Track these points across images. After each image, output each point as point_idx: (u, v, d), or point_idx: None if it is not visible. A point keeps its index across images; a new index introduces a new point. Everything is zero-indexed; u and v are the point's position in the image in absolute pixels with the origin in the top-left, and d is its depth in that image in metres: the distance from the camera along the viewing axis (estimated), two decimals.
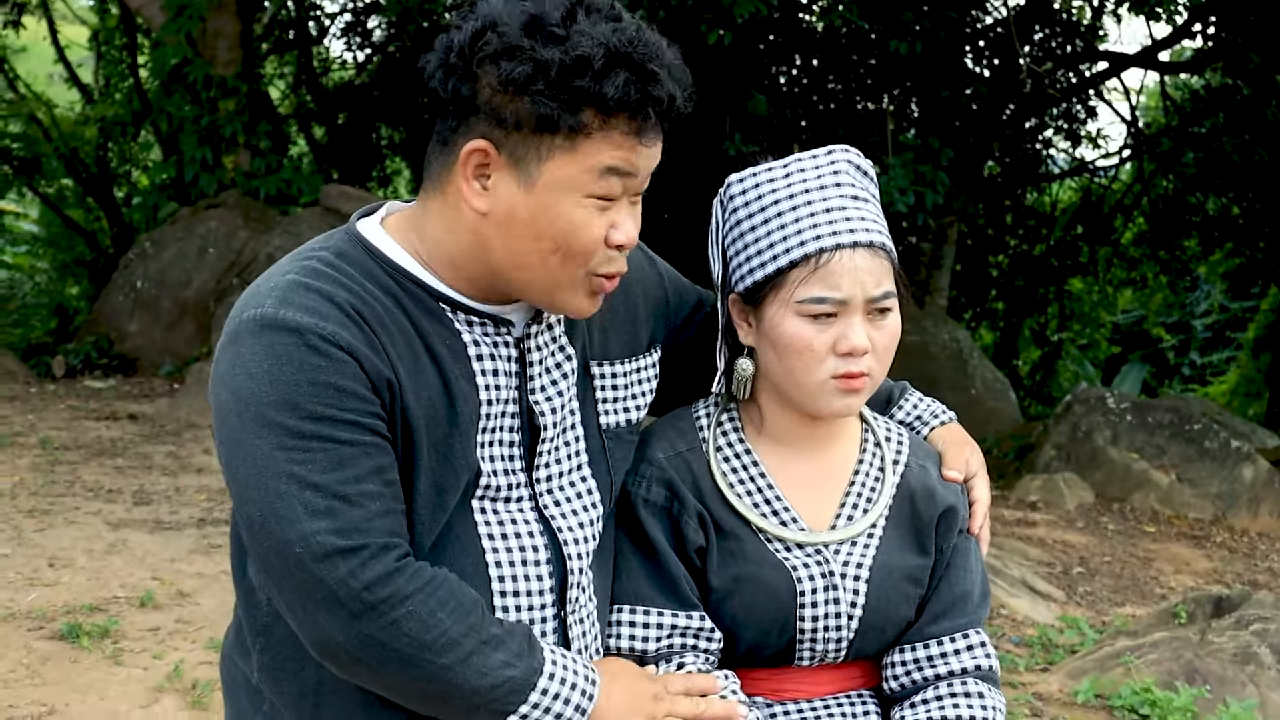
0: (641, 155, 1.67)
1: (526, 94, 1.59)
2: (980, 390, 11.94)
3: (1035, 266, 16.13)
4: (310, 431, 1.57)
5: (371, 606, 1.57)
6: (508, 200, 1.65)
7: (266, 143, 11.94)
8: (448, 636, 1.61)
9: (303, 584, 1.57)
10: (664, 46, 1.66)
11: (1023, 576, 6.80)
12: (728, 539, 1.90)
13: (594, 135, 1.62)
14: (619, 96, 1.60)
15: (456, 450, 1.69)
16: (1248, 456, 9.44)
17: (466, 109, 1.64)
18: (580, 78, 1.58)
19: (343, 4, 15.86)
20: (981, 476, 2.04)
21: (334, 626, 1.58)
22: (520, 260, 1.67)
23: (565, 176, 1.63)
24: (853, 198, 1.86)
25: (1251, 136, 12.39)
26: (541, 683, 1.66)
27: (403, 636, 1.58)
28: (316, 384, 1.58)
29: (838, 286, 1.81)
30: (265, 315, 1.61)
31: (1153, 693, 4.83)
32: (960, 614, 1.96)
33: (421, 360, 1.67)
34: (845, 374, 1.83)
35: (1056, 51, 13.20)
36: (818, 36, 11.93)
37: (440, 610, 1.60)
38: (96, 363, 10.45)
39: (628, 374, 1.91)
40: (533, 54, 1.59)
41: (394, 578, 1.58)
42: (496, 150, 1.63)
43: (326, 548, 1.56)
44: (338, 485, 1.57)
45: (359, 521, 1.58)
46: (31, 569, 5.07)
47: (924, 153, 9.85)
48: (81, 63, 17.67)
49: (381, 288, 1.68)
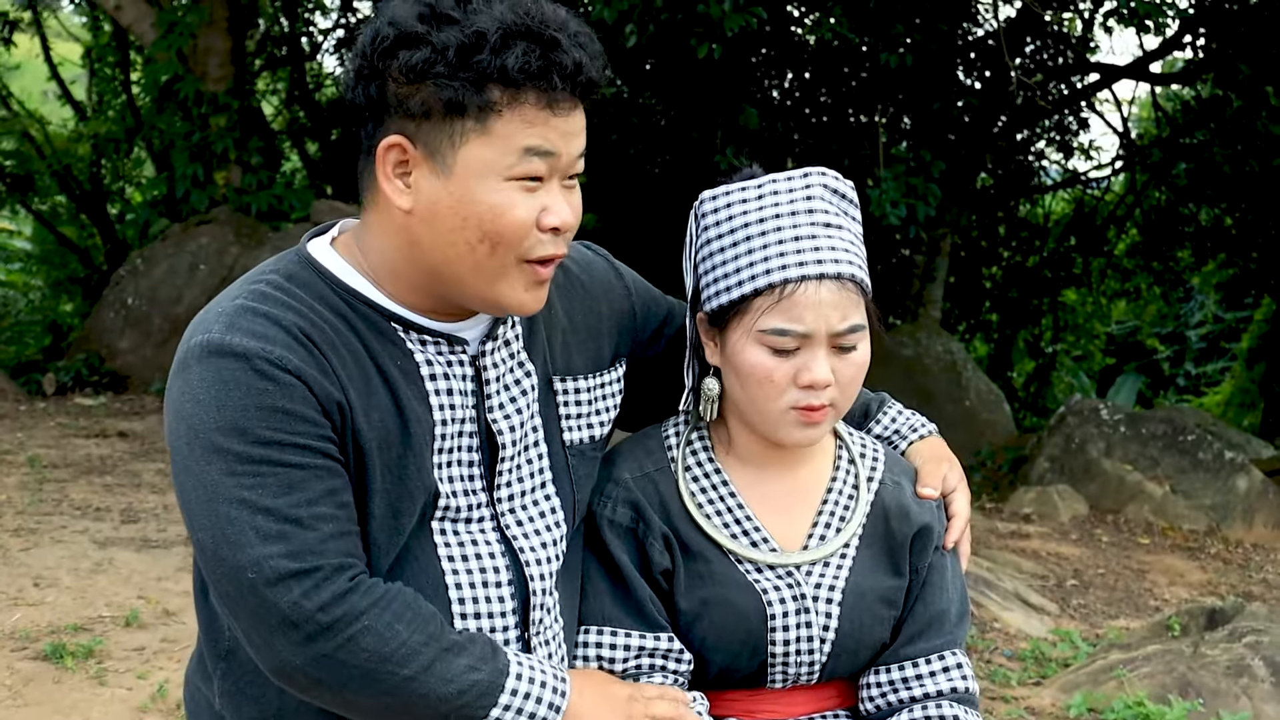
0: (557, 129, 1.63)
1: (428, 78, 1.58)
2: (974, 402, 11.92)
3: (1029, 278, 16.12)
4: (260, 456, 1.56)
5: (327, 627, 1.55)
6: (429, 193, 1.62)
7: (258, 159, 11.92)
8: (407, 647, 1.58)
9: (256, 609, 1.55)
10: (566, 15, 1.64)
11: (1016, 589, 6.77)
12: (695, 561, 1.87)
13: (504, 113, 1.59)
14: (520, 65, 1.57)
15: (410, 472, 1.67)
16: (1242, 467, 9.42)
17: (379, 109, 1.62)
18: (478, 53, 1.57)
19: (335, 20, 15.87)
20: (961, 490, 2.00)
21: (290, 650, 1.56)
22: (449, 253, 1.64)
23: (482, 160, 1.60)
24: (824, 225, 1.82)
25: (1243, 147, 12.41)
26: (509, 683, 1.64)
27: (361, 652, 1.56)
28: (264, 408, 1.56)
29: (800, 319, 1.78)
30: (212, 341, 1.59)
31: (1145, 706, 4.80)
32: (936, 634, 1.92)
33: (373, 382, 1.65)
34: (805, 406, 1.80)
35: (1048, 63, 13.21)
36: (809, 50, 11.93)
37: (397, 622, 1.59)
38: (87, 380, 10.41)
39: (591, 389, 1.89)
40: (428, 38, 1.57)
41: (348, 596, 1.56)
42: (411, 144, 1.61)
43: (279, 571, 1.54)
44: (289, 509, 1.56)
45: (312, 544, 1.56)
46: (16, 589, 5.04)
47: (916, 165, 9.84)
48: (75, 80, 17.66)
49: (332, 309, 1.66)
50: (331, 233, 1.79)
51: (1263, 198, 13.46)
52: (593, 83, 1.64)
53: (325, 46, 16.22)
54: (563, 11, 1.64)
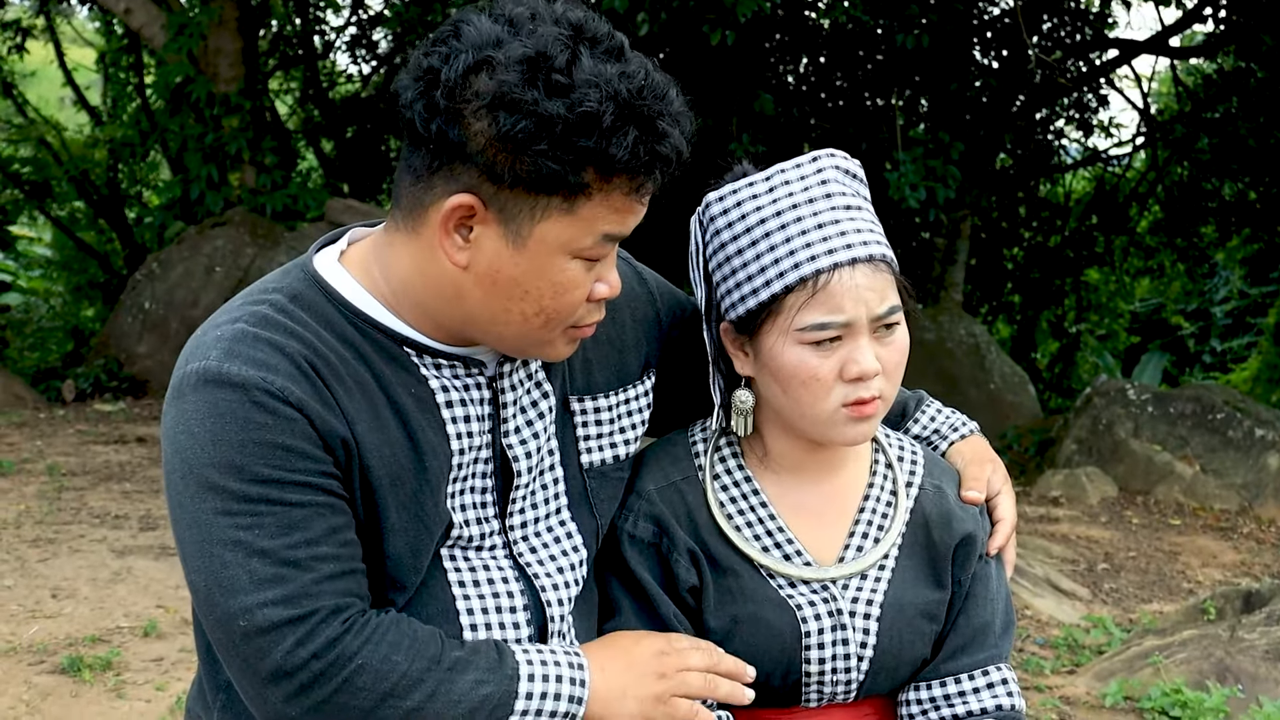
0: (637, 214, 1.55)
1: (526, 153, 1.45)
2: (999, 385, 11.82)
3: (1051, 258, 16.00)
4: (257, 495, 1.47)
5: (320, 674, 1.47)
6: (492, 257, 1.52)
7: (272, 158, 11.90)
8: (407, 678, 1.50)
9: (248, 659, 1.47)
10: (671, 90, 1.52)
11: (1046, 575, 6.68)
12: (725, 576, 1.77)
13: (594, 196, 1.49)
14: (627, 159, 1.47)
15: (428, 507, 1.58)
16: (1273, 445, 9.30)
17: (452, 153, 1.49)
18: (587, 137, 1.45)
19: (347, 18, 15.83)
20: (1006, 494, 1.90)
21: (284, 702, 1.48)
22: (500, 317, 1.55)
23: (559, 239, 1.51)
24: (845, 208, 1.71)
25: (1267, 120, 12.26)
26: (522, 688, 1.55)
27: (359, 693, 1.48)
28: (262, 444, 1.47)
29: (840, 309, 1.67)
30: (209, 369, 1.50)
31: (1183, 694, 4.71)
32: (980, 648, 1.82)
33: (383, 414, 1.56)
34: (856, 400, 1.69)
35: (1066, 40, 13.07)
36: (823, 33, 11.83)
37: (394, 654, 1.50)
38: (106, 385, 10.41)
39: (614, 407, 1.79)
40: (535, 109, 1.44)
41: (342, 639, 1.48)
42: (484, 205, 1.50)
43: (271, 620, 1.46)
44: (286, 550, 1.47)
45: (308, 587, 1.47)
46: (34, 600, 5.00)
47: (934, 147, 9.74)
48: (90, 85, 17.70)
49: (339, 335, 1.56)
50: (340, 244, 1.68)
51: None
52: (684, 168, 1.55)
53: (338, 44, 16.19)
54: (669, 84, 1.53)
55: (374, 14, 15.41)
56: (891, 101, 11.35)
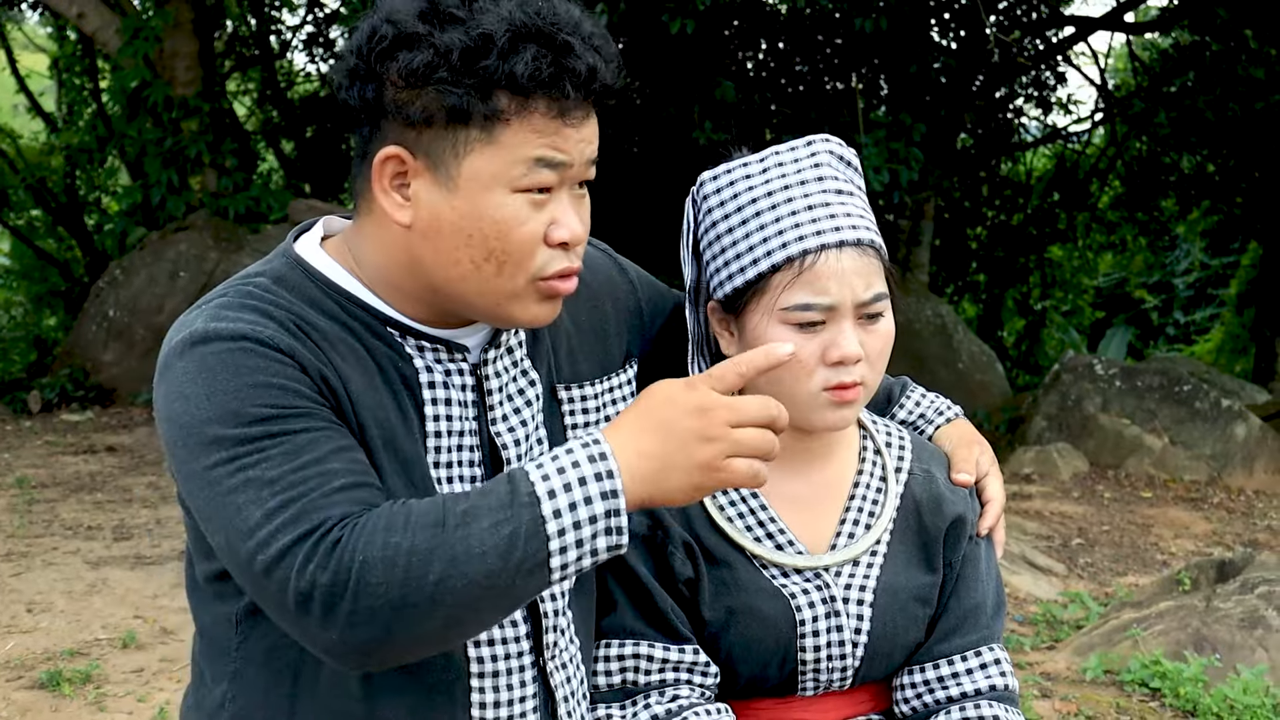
0: (569, 139, 1.52)
1: (430, 84, 1.46)
2: (967, 364, 11.88)
3: (1014, 236, 16.09)
4: (259, 434, 1.42)
5: (332, 586, 1.36)
6: (430, 207, 1.51)
7: (233, 161, 11.80)
8: (416, 553, 1.37)
9: (277, 599, 1.40)
10: (580, 16, 1.52)
11: (1022, 552, 6.72)
12: (719, 568, 1.77)
13: (512, 122, 1.48)
14: (530, 72, 1.45)
15: (417, 479, 1.56)
16: (1239, 414, 9.39)
17: (375, 113, 1.51)
18: (485, 58, 1.45)
19: (303, 16, 15.72)
20: (994, 475, 1.91)
21: (319, 631, 1.38)
22: (453, 271, 1.53)
23: (488, 171, 1.49)
24: (836, 192, 1.72)
25: (1223, 92, 12.33)
26: (547, 509, 1.39)
27: (378, 590, 1.36)
28: (257, 385, 1.44)
29: (825, 291, 1.67)
30: (195, 332, 1.48)
31: (1162, 665, 4.76)
32: (972, 630, 1.83)
33: (375, 381, 1.55)
34: (838, 385, 1.69)
35: (1022, 19, 13.13)
36: (781, 19, 11.83)
37: (391, 536, 1.38)
38: (73, 395, 10.31)
39: (600, 395, 1.78)
40: (430, 39, 1.45)
41: (340, 544, 1.38)
42: (411, 154, 1.50)
43: (283, 544, 1.38)
44: (294, 474, 1.41)
45: (315, 502, 1.40)
46: (9, 616, 4.96)
47: (896, 129, 9.77)
48: (44, 91, 17.49)
49: (325, 313, 1.55)
50: (318, 230, 1.67)
51: (1245, 142, 13.42)
52: (608, 89, 1.52)
53: (294, 44, 16.08)
54: (576, 10, 1.52)
55: (330, 12, 15.30)
56: (852, 85, 11.37)
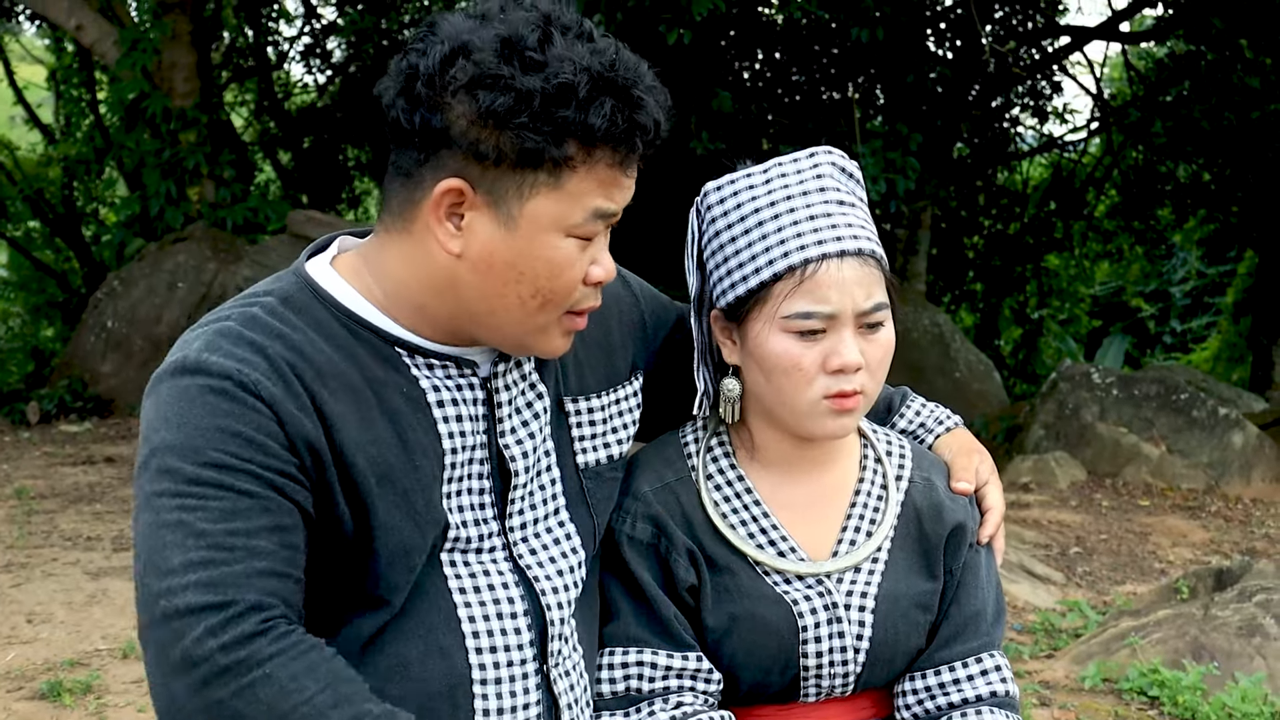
0: (624, 189, 1.57)
1: (508, 127, 1.48)
2: (964, 373, 11.89)
3: (1011, 245, 16.10)
4: (207, 479, 1.45)
5: (225, 669, 1.41)
6: (485, 242, 1.54)
7: (230, 172, 11.81)
8: (312, 706, 1.42)
9: (162, 643, 1.43)
10: (643, 68, 1.56)
11: (1020, 561, 6.73)
12: (722, 574, 1.78)
13: (579, 170, 1.52)
14: (606, 127, 1.50)
15: (419, 507, 1.58)
16: (1236, 423, 9.40)
17: (437, 142, 1.52)
18: (565, 108, 1.48)
19: (300, 28, 15.75)
20: (994, 484, 1.93)
21: (184, 693, 1.41)
22: (496, 304, 1.56)
23: (549, 215, 1.53)
24: (838, 203, 1.75)
25: (1219, 101, 12.37)
26: None
27: (258, 704, 1.41)
28: (223, 430, 1.46)
29: (825, 300, 1.69)
30: (186, 359, 1.51)
31: (1160, 673, 4.76)
32: (973, 636, 1.84)
33: (370, 415, 1.56)
34: (837, 393, 1.71)
35: (1018, 29, 13.16)
36: (778, 29, 11.87)
37: (306, 676, 1.43)
38: (71, 406, 10.31)
39: (606, 407, 1.80)
40: (514, 84, 1.47)
41: (254, 639, 1.42)
42: (473, 188, 1.52)
43: (190, 603, 1.42)
44: (224, 536, 1.44)
45: (234, 576, 1.43)
46: (9, 627, 4.96)
47: (893, 139, 9.79)
48: (41, 103, 17.50)
49: (329, 337, 1.57)
50: (330, 250, 1.69)
51: (1241, 151, 13.45)
52: (663, 142, 1.57)
53: (292, 55, 16.10)
54: (641, 63, 1.56)
55: (328, 23, 15.33)
56: (849, 95, 11.39)
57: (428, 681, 1.60)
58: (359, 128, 14.76)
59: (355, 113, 14.50)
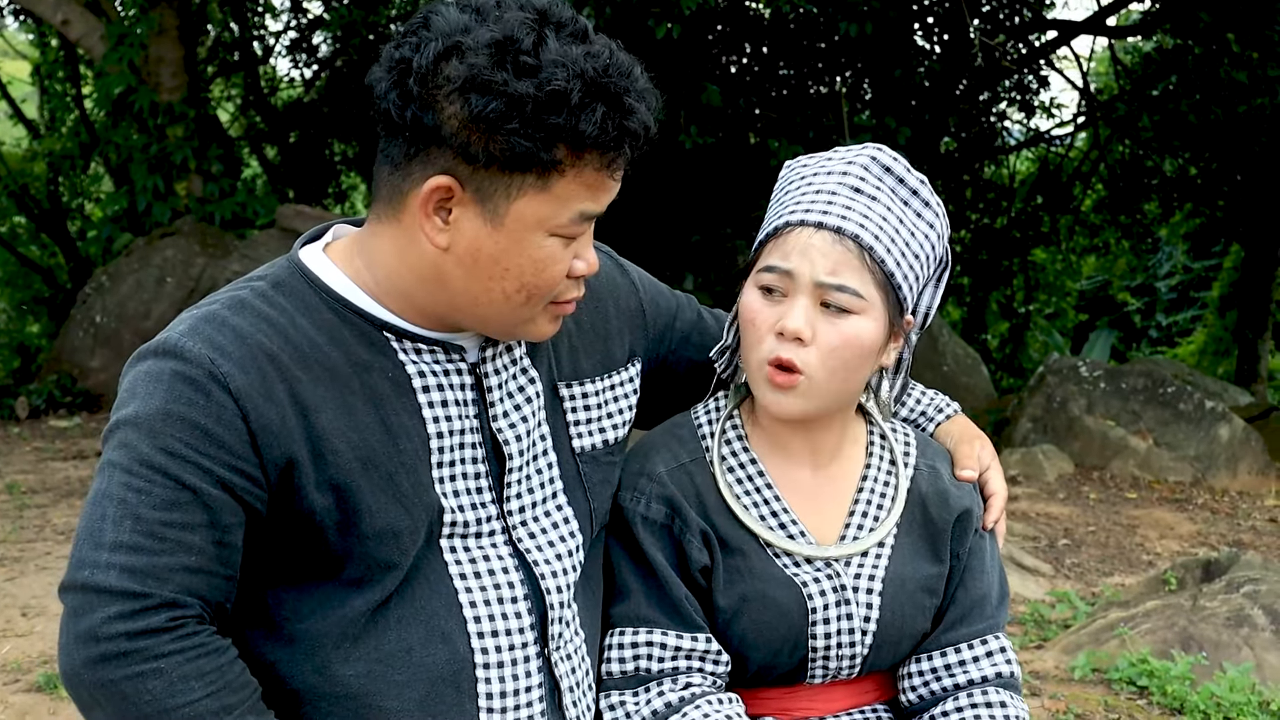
0: (608, 190, 1.60)
1: (499, 132, 1.49)
2: (952, 367, 11.93)
3: (998, 239, 16.14)
4: (158, 464, 1.49)
5: (123, 654, 1.46)
6: (471, 237, 1.56)
7: (218, 167, 11.79)
8: (194, 709, 1.48)
9: (76, 609, 1.49)
10: (636, 70, 1.57)
11: (1009, 552, 6.77)
12: (734, 555, 1.81)
13: (566, 173, 1.54)
14: (596, 134, 1.51)
15: (406, 489, 1.60)
16: (1222, 416, 9.45)
17: (427, 139, 1.53)
18: (556, 115, 1.49)
19: (286, 22, 15.71)
20: (995, 469, 1.96)
21: (83, 663, 1.47)
22: (481, 296, 1.59)
23: (535, 216, 1.55)
24: (852, 188, 1.78)
25: (1205, 96, 12.40)
26: None
27: (144, 694, 1.47)
28: (182, 419, 1.50)
29: (786, 257, 1.74)
30: (167, 340, 1.54)
31: (1150, 663, 4.79)
32: (978, 619, 1.88)
33: (353, 400, 1.59)
34: (775, 360, 1.74)
35: (1006, 23, 13.19)
36: (766, 23, 11.87)
37: (195, 679, 1.48)
38: (60, 401, 10.28)
39: (601, 392, 1.82)
40: (506, 89, 1.48)
41: (160, 634, 1.48)
42: (461, 186, 1.54)
43: (109, 584, 1.47)
44: (158, 525, 1.48)
45: (159, 569, 1.48)
46: (4, 620, 4.96)
47: (881, 133, 9.81)
48: (25, 98, 17.42)
49: (316, 321, 1.60)
50: (325, 237, 1.72)
51: (1227, 146, 13.49)
52: (651, 145, 1.59)
53: (278, 49, 16.07)
54: (633, 64, 1.57)
55: (314, 18, 15.30)
56: (837, 89, 11.42)
57: (431, 666, 1.62)
58: (345, 123, 14.74)
59: (342, 108, 14.48)
